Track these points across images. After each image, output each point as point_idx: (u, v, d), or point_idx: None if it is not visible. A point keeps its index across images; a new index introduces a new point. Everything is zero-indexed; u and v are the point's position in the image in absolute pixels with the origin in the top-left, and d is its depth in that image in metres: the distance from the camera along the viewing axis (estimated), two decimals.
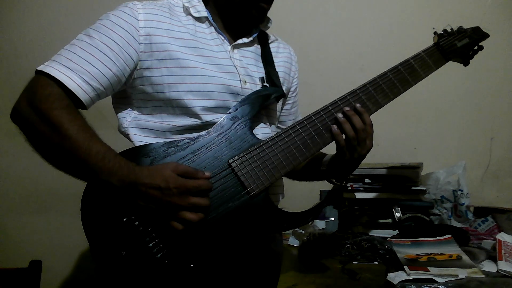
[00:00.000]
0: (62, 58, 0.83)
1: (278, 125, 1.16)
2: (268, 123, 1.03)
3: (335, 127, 0.92)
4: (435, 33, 1.12)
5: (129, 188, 0.77)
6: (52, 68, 0.81)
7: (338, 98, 0.95)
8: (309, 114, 0.93)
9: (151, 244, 0.80)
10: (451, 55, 1.11)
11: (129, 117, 0.93)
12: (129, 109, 0.94)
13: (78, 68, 0.82)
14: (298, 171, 1.13)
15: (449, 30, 1.13)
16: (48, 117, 0.77)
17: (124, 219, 0.80)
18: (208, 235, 0.82)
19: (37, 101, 0.78)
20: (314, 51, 1.77)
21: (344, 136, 0.93)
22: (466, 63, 1.18)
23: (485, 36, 1.16)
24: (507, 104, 1.76)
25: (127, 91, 0.93)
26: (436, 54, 1.08)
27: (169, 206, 0.78)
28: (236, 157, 0.86)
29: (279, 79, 1.04)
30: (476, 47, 1.16)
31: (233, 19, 1.00)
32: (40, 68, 0.82)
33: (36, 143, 0.80)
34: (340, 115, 0.92)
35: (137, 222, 0.80)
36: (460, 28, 1.14)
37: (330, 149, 0.98)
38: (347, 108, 0.93)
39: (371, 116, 0.95)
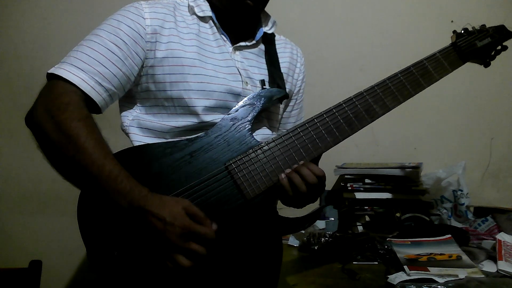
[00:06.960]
0: (72, 59, 0.82)
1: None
2: (269, 126, 1.01)
3: (282, 175, 0.85)
4: (454, 32, 1.06)
5: (135, 212, 0.76)
6: (64, 70, 0.80)
7: (343, 101, 0.91)
8: (311, 117, 0.90)
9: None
10: (470, 56, 1.04)
11: (131, 116, 0.93)
12: (132, 107, 0.94)
13: (90, 69, 0.81)
14: None
15: (470, 29, 1.07)
16: (66, 127, 0.75)
17: (120, 220, 0.79)
18: None
19: (56, 110, 0.76)
20: (314, 51, 1.76)
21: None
22: (486, 64, 1.11)
23: (510, 35, 1.10)
24: (507, 104, 1.76)
25: (131, 89, 0.93)
26: (452, 55, 1.02)
27: (167, 242, 0.75)
28: (234, 160, 0.85)
29: (283, 81, 1.02)
30: (499, 47, 1.10)
31: (229, 19, 0.99)
32: (52, 70, 0.81)
33: (49, 151, 0.78)
34: (282, 176, 0.85)
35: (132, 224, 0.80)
36: (483, 26, 1.08)
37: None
38: (287, 171, 0.85)
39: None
